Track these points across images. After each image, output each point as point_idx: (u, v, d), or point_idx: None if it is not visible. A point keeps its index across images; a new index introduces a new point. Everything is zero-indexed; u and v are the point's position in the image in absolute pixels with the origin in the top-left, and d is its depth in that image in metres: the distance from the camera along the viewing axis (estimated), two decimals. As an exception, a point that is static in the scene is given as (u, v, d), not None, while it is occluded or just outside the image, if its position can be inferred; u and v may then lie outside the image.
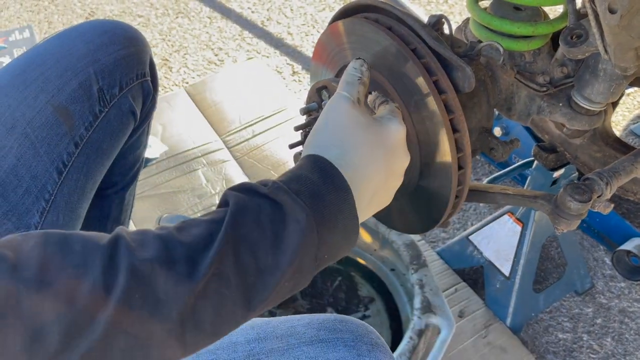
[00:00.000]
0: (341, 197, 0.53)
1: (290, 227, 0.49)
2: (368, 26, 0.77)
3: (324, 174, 0.54)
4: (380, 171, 0.60)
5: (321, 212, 0.51)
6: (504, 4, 0.87)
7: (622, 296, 1.38)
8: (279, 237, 0.49)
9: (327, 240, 0.52)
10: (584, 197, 0.77)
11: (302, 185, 0.52)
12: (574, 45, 0.69)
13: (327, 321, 0.65)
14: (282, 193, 0.50)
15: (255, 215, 0.49)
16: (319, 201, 0.52)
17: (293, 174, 0.54)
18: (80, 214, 0.94)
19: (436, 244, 1.50)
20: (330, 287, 1.31)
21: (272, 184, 0.51)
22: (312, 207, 0.51)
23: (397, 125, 0.65)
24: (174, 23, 2.38)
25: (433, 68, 0.72)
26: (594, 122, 0.87)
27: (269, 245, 0.48)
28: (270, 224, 0.49)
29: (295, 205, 0.50)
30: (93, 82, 0.89)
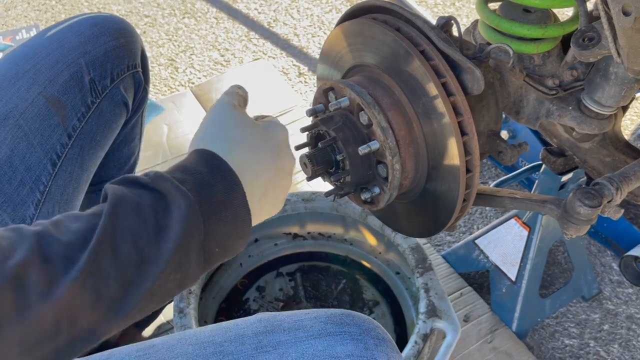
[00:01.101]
0: (230, 188, 0.52)
1: (174, 215, 0.48)
2: (376, 27, 0.77)
3: (211, 165, 0.53)
4: (268, 168, 0.60)
5: (208, 202, 0.50)
6: (513, 6, 0.86)
7: (629, 302, 1.37)
8: (161, 225, 0.47)
9: (216, 230, 0.51)
10: (594, 202, 0.76)
11: (187, 175, 0.51)
12: (585, 47, 0.68)
13: (334, 315, 0.65)
14: (163, 181, 0.49)
15: (135, 205, 0.47)
16: (205, 190, 0.50)
17: (178, 165, 0.53)
18: (75, 206, 0.94)
19: (442, 248, 1.49)
20: (335, 290, 1.30)
21: (155, 174, 0.50)
22: (197, 196, 0.49)
23: (279, 127, 0.66)
24: (181, 23, 2.38)
25: (442, 70, 0.71)
26: (604, 126, 0.86)
27: (151, 234, 0.47)
28: (152, 213, 0.47)
29: (177, 193, 0.49)
30: (84, 73, 0.90)
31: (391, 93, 0.77)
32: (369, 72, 0.81)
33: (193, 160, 0.54)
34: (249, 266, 1.33)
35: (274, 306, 1.27)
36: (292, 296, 1.29)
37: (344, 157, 0.77)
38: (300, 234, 1.35)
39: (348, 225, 1.32)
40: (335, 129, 0.78)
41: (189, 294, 1.09)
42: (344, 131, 0.78)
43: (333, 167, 0.80)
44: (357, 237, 1.33)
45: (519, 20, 0.84)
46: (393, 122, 0.76)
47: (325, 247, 1.36)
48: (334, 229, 1.34)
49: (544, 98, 0.87)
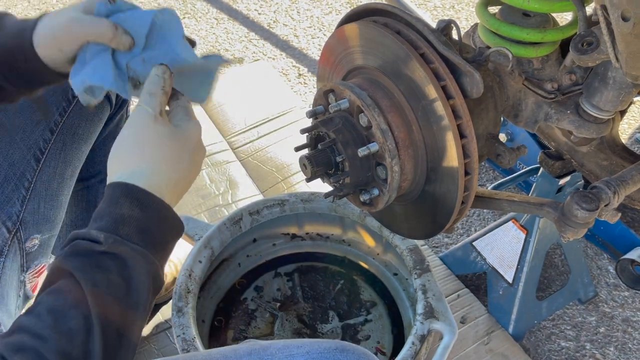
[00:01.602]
0: (164, 219, 0.62)
1: (135, 270, 0.58)
2: (377, 30, 0.77)
3: (143, 207, 0.60)
4: (186, 170, 0.67)
5: (154, 244, 0.60)
6: (513, 10, 0.87)
7: (625, 305, 1.38)
8: (129, 282, 0.57)
9: (165, 256, 0.63)
10: (591, 205, 0.76)
11: (129, 228, 0.59)
12: (584, 52, 0.69)
13: (327, 351, 0.63)
14: (118, 245, 0.57)
15: (106, 280, 0.56)
16: (149, 235, 0.60)
17: (116, 216, 0.59)
18: (61, 202, 0.94)
19: (439, 250, 1.50)
20: (333, 291, 1.31)
21: (105, 239, 0.57)
22: (145, 244, 0.59)
23: (194, 124, 0.69)
24: (181, 23, 2.39)
25: (441, 73, 0.72)
26: (601, 130, 0.86)
27: (124, 293, 0.57)
28: (120, 277, 0.57)
29: (134, 254, 0.58)
30: None
31: (391, 95, 0.78)
32: (369, 75, 0.82)
33: (125, 205, 0.60)
34: (247, 266, 1.33)
35: (272, 306, 1.28)
36: (289, 296, 1.30)
37: (344, 159, 0.78)
38: (298, 234, 1.36)
39: (346, 226, 1.33)
40: (335, 130, 0.78)
41: (188, 293, 1.09)
42: (344, 133, 0.78)
43: (332, 169, 0.80)
44: (356, 238, 1.34)
45: (518, 24, 0.85)
46: (392, 124, 0.76)
47: (323, 247, 1.36)
48: (332, 229, 1.35)
49: (543, 102, 0.87)
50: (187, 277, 1.11)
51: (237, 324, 1.25)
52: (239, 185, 1.60)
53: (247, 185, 1.60)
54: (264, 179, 1.62)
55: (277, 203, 1.27)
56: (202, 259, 1.16)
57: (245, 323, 1.25)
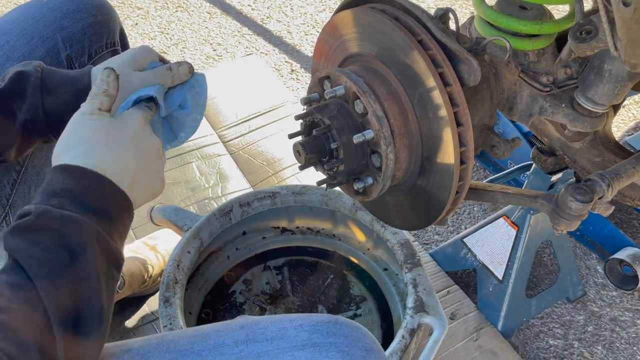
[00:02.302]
0: (101, 189, 0.59)
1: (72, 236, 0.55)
2: (374, 16, 0.76)
3: (75, 178, 0.58)
4: (128, 154, 0.64)
5: (93, 211, 0.57)
6: (510, 3, 0.87)
7: (613, 305, 1.38)
8: (71, 249, 0.54)
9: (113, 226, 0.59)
10: (585, 197, 0.76)
11: (62, 199, 0.57)
12: (583, 40, 0.69)
13: (320, 323, 0.62)
14: (48, 213, 0.55)
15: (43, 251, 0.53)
16: (84, 203, 0.57)
17: (48, 191, 0.58)
18: None
19: (429, 246, 1.49)
20: (322, 285, 1.30)
21: (36, 209, 0.55)
22: (81, 211, 0.56)
23: (135, 114, 0.68)
24: (173, 17, 2.37)
25: (439, 60, 0.71)
26: (595, 124, 0.86)
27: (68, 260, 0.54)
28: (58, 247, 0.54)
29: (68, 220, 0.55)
30: (61, 49, 0.88)
31: (387, 83, 0.77)
32: (365, 62, 0.81)
33: (57, 180, 0.58)
34: (236, 259, 1.32)
35: (261, 299, 1.26)
36: (278, 290, 1.29)
37: (338, 146, 0.77)
38: (289, 228, 1.35)
39: (337, 221, 1.32)
40: (330, 117, 0.78)
41: (175, 283, 1.07)
42: (339, 119, 0.77)
43: (327, 156, 0.80)
44: (346, 233, 1.33)
45: (515, 16, 0.85)
46: (388, 112, 0.75)
47: (313, 242, 1.35)
48: (323, 224, 1.34)
49: (538, 95, 0.87)
50: (175, 267, 1.10)
51: (224, 317, 1.23)
52: (229, 178, 1.59)
53: (238, 179, 1.59)
54: (254, 173, 1.60)
55: (268, 195, 1.26)
56: (191, 249, 1.14)
57: (233, 316, 1.24)
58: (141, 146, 0.65)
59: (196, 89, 0.78)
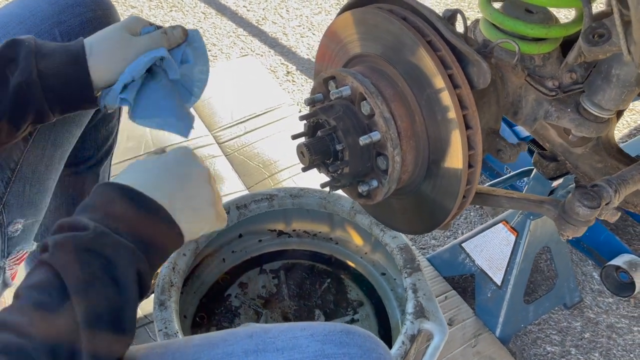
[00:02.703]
0: (158, 221, 0.60)
1: (123, 267, 0.55)
2: (382, 16, 0.75)
3: (137, 206, 0.59)
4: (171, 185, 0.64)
5: (144, 244, 0.57)
6: (516, 6, 0.86)
7: (610, 312, 1.38)
8: (116, 280, 0.54)
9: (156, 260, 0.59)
10: (593, 203, 0.75)
11: (119, 223, 0.57)
12: (595, 44, 0.68)
13: (332, 333, 0.60)
14: (105, 236, 0.55)
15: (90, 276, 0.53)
16: (139, 234, 0.57)
17: (108, 211, 0.58)
18: (48, 187, 0.89)
19: (426, 251, 1.48)
20: (319, 289, 1.28)
21: (95, 228, 0.55)
22: (134, 241, 0.56)
23: (179, 148, 0.69)
24: (168, 16, 2.34)
25: (448, 61, 0.70)
26: (601, 129, 0.86)
27: (113, 289, 0.54)
28: (106, 274, 0.54)
29: (120, 248, 0.55)
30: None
31: (394, 84, 0.76)
32: (371, 62, 0.80)
33: (118, 203, 0.58)
34: (231, 262, 1.29)
35: (256, 303, 1.24)
36: (275, 294, 1.27)
37: (344, 147, 0.75)
38: (285, 231, 1.33)
39: (335, 224, 1.30)
40: (336, 118, 0.76)
41: (171, 286, 1.05)
42: (345, 120, 0.76)
43: (331, 158, 0.78)
44: (343, 237, 1.31)
45: (522, 19, 0.84)
46: (395, 113, 0.74)
47: (310, 245, 1.33)
48: (320, 227, 1.32)
49: (544, 99, 0.86)
50: (171, 270, 1.07)
51: (220, 321, 1.21)
52: (225, 180, 1.57)
53: (233, 181, 1.57)
54: (250, 175, 1.58)
55: (266, 197, 1.24)
56: (187, 252, 1.12)
57: (228, 320, 1.21)
58: (184, 172, 0.66)
59: (194, 45, 0.79)
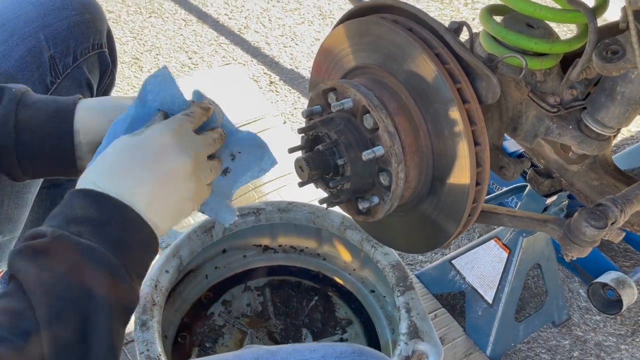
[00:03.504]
0: (124, 219, 0.54)
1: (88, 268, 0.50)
2: (386, 26, 0.72)
3: (99, 206, 0.53)
4: (144, 177, 0.57)
5: (112, 243, 0.52)
6: (517, 20, 0.84)
7: (597, 329, 1.37)
8: (83, 282, 0.49)
9: (131, 261, 0.53)
10: (600, 223, 0.73)
11: (81, 226, 0.52)
12: (610, 60, 0.66)
13: (344, 355, 0.57)
14: (65, 239, 0.50)
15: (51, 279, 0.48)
16: (105, 234, 0.52)
17: (68, 215, 0.53)
18: (27, 201, 0.84)
19: (414, 267, 1.46)
20: (306, 307, 1.23)
21: (52, 232, 0.50)
22: (100, 241, 0.51)
23: (162, 131, 0.60)
24: (147, 22, 2.28)
25: (457, 75, 0.68)
26: (602, 147, 0.84)
27: (79, 293, 0.48)
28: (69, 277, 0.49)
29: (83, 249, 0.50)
30: (44, 49, 0.80)
31: (398, 97, 0.73)
32: (372, 74, 0.77)
33: (78, 206, 0.54)
34: (214, 278, 1.24)
35: (241, 322, 1.19)
36: (260, 312, 1.22)
37: (345, 162, 0.72)
38: (271, 246, 1.28)
39: (323, 239, 1.26)
40: (337, 131, 0.73)
41: (153, 305, 0.99)
42: (346, 134, 0.73)
43: (330, 173, 0.74)
44: (331, 252, 1.27)
45: (525, 34, 0.82)
46: (400, 128, 0.71)
47: (296, 261, 1.29)
48: (307, 242, 1.28)
49: (545, 115, 0.85)
50: (153, 288, 1.02)
51: (202, 341, 1.15)
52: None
53: (215, 193, 1.51)
54: (233, 187, 1.53)
55: (252, 212, 1.19)
56: (170, 268, 1.07)
57: (211, 340, 1.16)
58: (162, 165, 0.58)
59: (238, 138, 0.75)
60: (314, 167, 0.72)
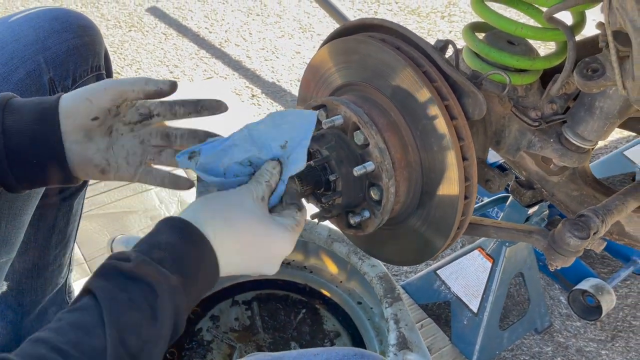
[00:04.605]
0: (202, 254, 0.56)
1: (163, 298, 0.52)
2: (374, 45, 0.74)
3: (182, 235, 0.56)
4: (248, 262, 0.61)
5: (185, 275, 0.54)
6: (498, 37, 0.87)
7: (578, 335, 1.40)
8: (155, 309, 0.51)
9: (194, 293, 0.56)
10: (583, 233, 0.76)
11: (163, 252, 0.54)
12: (590, 78, 0.69)
13: (346, 356, 0.59)
14: (146, 266, 0.52)
15: (127, 301, 0.50)
16: (182, 265, 0.54)
17: (153, 241, 0.56)
18: (23, 222, 0.83)
19: (399, 277, 1.47)
20: (294, 320, 1.24)
21: (136, 258, 0.53)
22: (175, 271, 0.53)
23: (286, 240, 0.64)
24: (127, 36, 2.28)
25: (444, 92, 0.70)
26: (582, 159, 0.87)
27: (147, 320, 0.51)
28: (144, 301, 0.51)
29: (161, 277, 0.52)
30: (43, 71, 0.81)
31: (386, 113, 0.75)
32: (361, 91, 0.78)
33: (165, 231, 0.56)
34: (202, 293, 1.24)
35: (229, 337, 1.19)
36: (248, 326, 1.22)
37: (337, 178, 0.73)
38: (258, 260, 1.28)
39: (309, 252, 1.27)
40: (328, 147, 0.74)
41: (142, 322, 0.99)
42: (338, 150, 0.74)
43: (322, 188, 0.76)
44: (318, 265, 1.28)
45: (507, 51, 0.85)
46: (389, 144, 0.73)
47: (283, 274, 1.29)
48: (293, 255, 1.29)
49: (527, 129, 0.87)
50: (142, 304, 1.01)
51: (191, 357, 1.15)
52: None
53: (200, 207, 1.51)
54: (218, 201, 1.54)
55: (240, 226, 1.19)
56: (158, 284, 1.06)
57: (200, 356, 1.15)
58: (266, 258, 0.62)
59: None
60: (306, 183, 0.73)
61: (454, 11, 2.54)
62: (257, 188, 0.63)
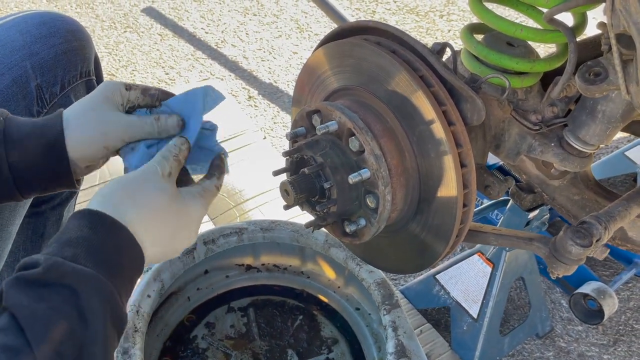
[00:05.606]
0: (116, 235, 0.55)
1: (85, 296, 0.49)
2: (369, 49, 0.72)
3: (92, 226, 0.54)
4: (168, 233, 0.61)
5: (107, 267, 0.52)
6: (497, 40, 0.85)
7: (580, 340, 1.38)
8: (81, 310, 0.48)
9: (123, 279, 0.54)
10: (585, 241, 0.74)
11: (76, 249, 0.51)
12: (592, 83, 0.67)
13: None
14: (57, 268, 0.49)
15: (48, 311, 0.47)
16: (100, 257, 0.52)
17: (63, 239, 0.53)
18: (11, 233, 0.81)
19: (397, 282, 1.45)
20: (291, 327, 1.22)
21: (45, 261, 0.49)
22: (95, 266, 0.51)
23: (197, 207, 0.65)
24: (122, 37, 2.25)
25: (442, 97, 0.68)
26: (584, 163, 0.85)
27: (76, 323, 0.48)
28: (66, 305, 0.48)
29: (78, 275, 0.50)
30: (30, 78, 0.78)
31: (383, 119, 0.72)
32: (356, 96, 0.76)
33: (74, 227, 0.54)
34: (197, 300, 1.22)
35: (225, 345, 1.17)
36: (244, 333, 1.20)
37: (332, 185, 0.71)
38: (254, 265, 1.26)
39: (306, 257, 1.25)
40: (322, 154, 0.72)
41: (135, 332, 0.97)
42: (332, 157, 0.72)
43: (316, 196, 0.73)
44: (315, 270, 1.26)
45: (506, 53, 0.83)
46: (386, 150, 0.71)
47: (280, 279, 1.27)
48: (290, 260, 1.27)
49: (527, 133, 0.85)
50: (135, 313, 0.99)
51: (186, 366, 1.13)
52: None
53: (196, 211, 1.49)
54: (214, 205, 1.51)
55: (235, 231, 1.18)
56: (151, 293, 1.04)
57: (195, 364, 1.13)
58: (181, 236, 0.63)
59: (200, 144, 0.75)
60: (299, 191, 0.71)
61: (452, 10, 2.52)
62: (161, 163, 0.63)
